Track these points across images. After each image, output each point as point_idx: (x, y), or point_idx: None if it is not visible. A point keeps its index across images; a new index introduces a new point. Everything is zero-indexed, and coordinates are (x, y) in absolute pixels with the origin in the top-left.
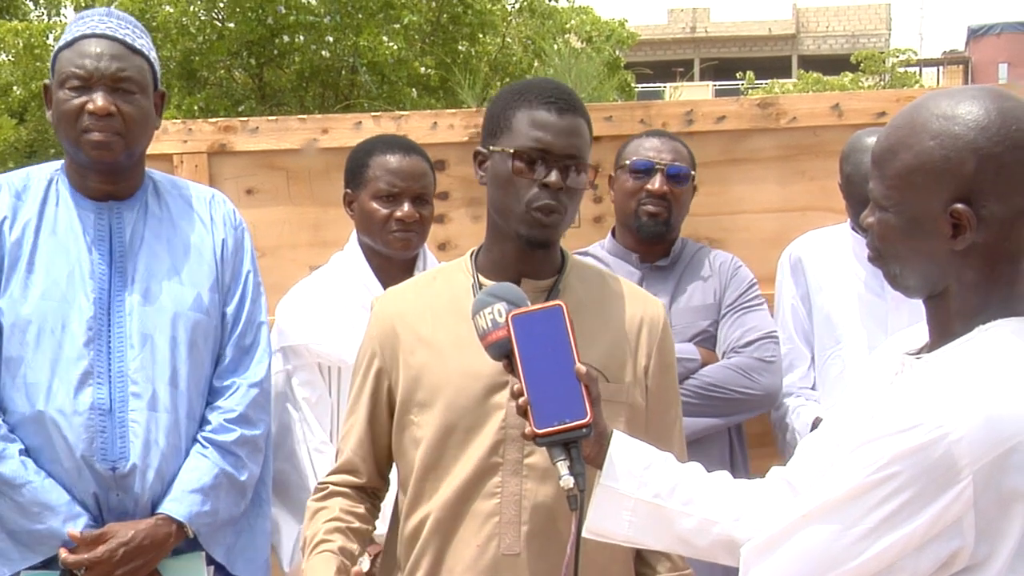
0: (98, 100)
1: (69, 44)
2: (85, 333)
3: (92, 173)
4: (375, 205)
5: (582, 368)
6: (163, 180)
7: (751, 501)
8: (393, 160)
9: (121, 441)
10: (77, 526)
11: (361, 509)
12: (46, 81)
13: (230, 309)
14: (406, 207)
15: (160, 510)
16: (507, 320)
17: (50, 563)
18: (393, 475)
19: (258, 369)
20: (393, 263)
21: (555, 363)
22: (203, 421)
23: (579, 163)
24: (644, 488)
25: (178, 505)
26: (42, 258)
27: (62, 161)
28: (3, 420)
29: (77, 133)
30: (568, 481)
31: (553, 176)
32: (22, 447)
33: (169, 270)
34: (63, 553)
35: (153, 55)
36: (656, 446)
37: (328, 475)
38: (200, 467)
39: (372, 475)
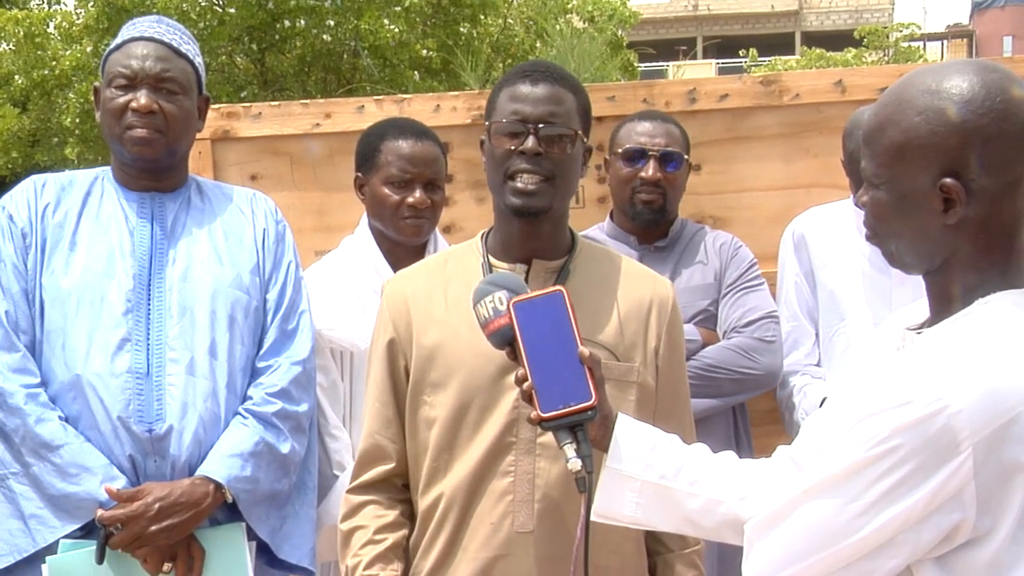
0: (141, 98)
1: (118, 47)
2: (124, 303)
3: (136, 171)
4: (387, 191)
5: (585, 351)
6: (206, 182)
7: (757, 480)
8: (405, 145)
9: (158, 403)
10: (115, 486)
11: (392, 515)
12: (96, 84)
13: (272, 296)
14: (418, 193)
15: (198, 472)
16: (508, 307)
17: (89, 533)
18: None
19: (301, 349)
20: (404, 247)
21: (558, 348)
22: (245, 398)
23: (559, 129)
24: (650, 470)
25: (216, 466)
26: (84, 238)
27: (109, 166)
28: (44, 390)
29: (121, 130)
30: (576, 464)
31: (529, 142)
32: (61, 415)
33: (209, 252)
34: (99, 511)
35: (198, 60)
36: (666, 426)
37: (353, 478)
38: (240, 434)
39: (402, 456)
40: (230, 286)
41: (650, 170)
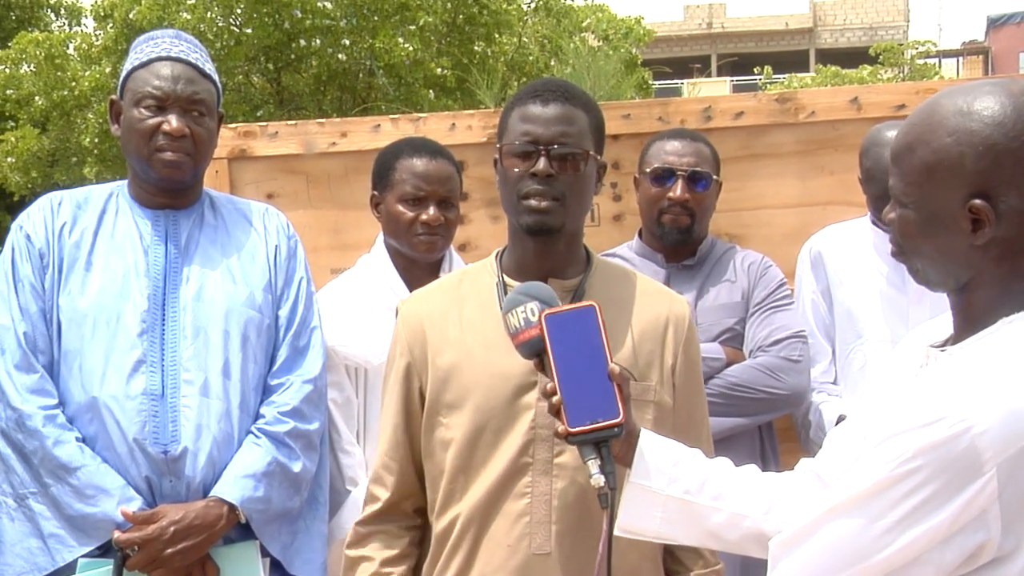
0: (173, 121)
1: (144, 64)
2: (139, 324)
3: (156, 189)
4: (401, 208)
5: (616, 368)
6: (219, 196)
7: (780, 494)
8: (420, 163)
9: (173, 425)
10: (131, 507)
11: (399, 547)
12: (113, 97)
13: (284, 312)
14: (432, 211)
15: (212, 493)
16: (540, 319)
17: (106, 552)
18: None
19: (312, 367)
20: (419, 265)
21: (588, 363)
22: (257, 416)
23: (570, 149)
24: (674, 485)
25: (230, 488)
26: (99, 258)
27: (124, 181)
28: (62, 411)
29: (150, 151)
30: (599, 479)
31: (540, 164)
32: (79, 436)
33: (223, 270)
34: (116, 534)
35: (217, 78)
36: (684, 444)
37: (364, 506)
38: (253, 454)
39: (406, 481)
40: (243, 305)
41: (678, 190)
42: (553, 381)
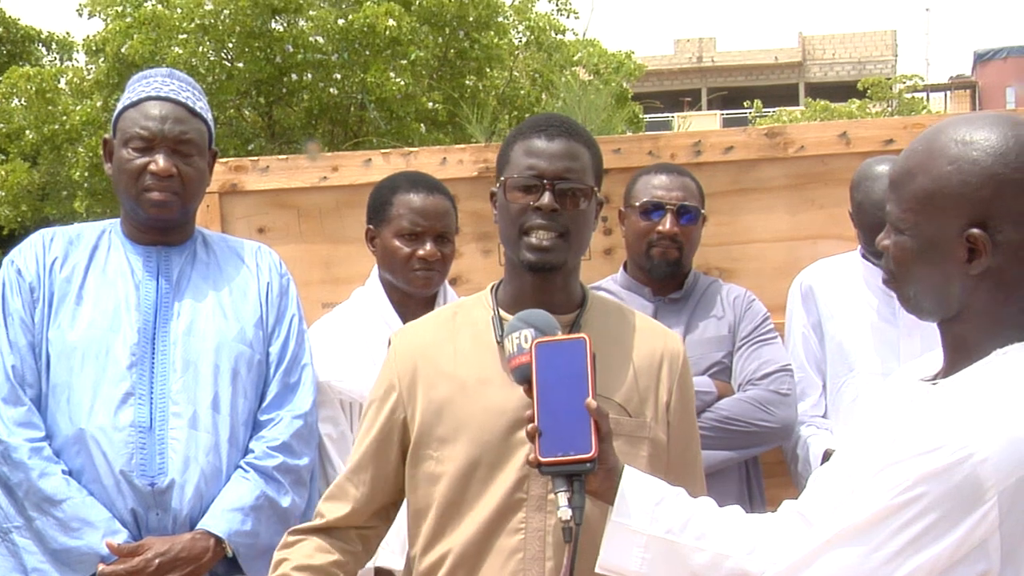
0: (160, 161)
1: (134, 104)
2: (128, 357)
3: (146, 227)
4: (397, 243)
5: (593, 403)
6: (212, 234)
7: (764, 534)
8: (416, 199)
9: (160, 457)
10: (116, 540)
11: (323, 560)
12: (106, 136)
13: (275, 348)
14: (428, 246)
15: (199, 526)
16: (531, 347)
17: None
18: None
19: (303, 403)
20: (414, 299)
21: (570, 394)
22: (247, 451)
23: (574, 184)
24: (656, 524)
25: (217, 521)
26: (90, 292)
27: (117, 219)
28: (48, 444)
29: (138, 191)
30: (566, 513)
31: (545, 198)
32: (65, 468)
33: (214, 306)
34: (101, 566)
35: (209, 116)
36: (677, 481)
37: (314, 515)
38: (241, 488)
39: (362, 506)
40: (234, 340)
41: (667, 224)
42: (532, 408)
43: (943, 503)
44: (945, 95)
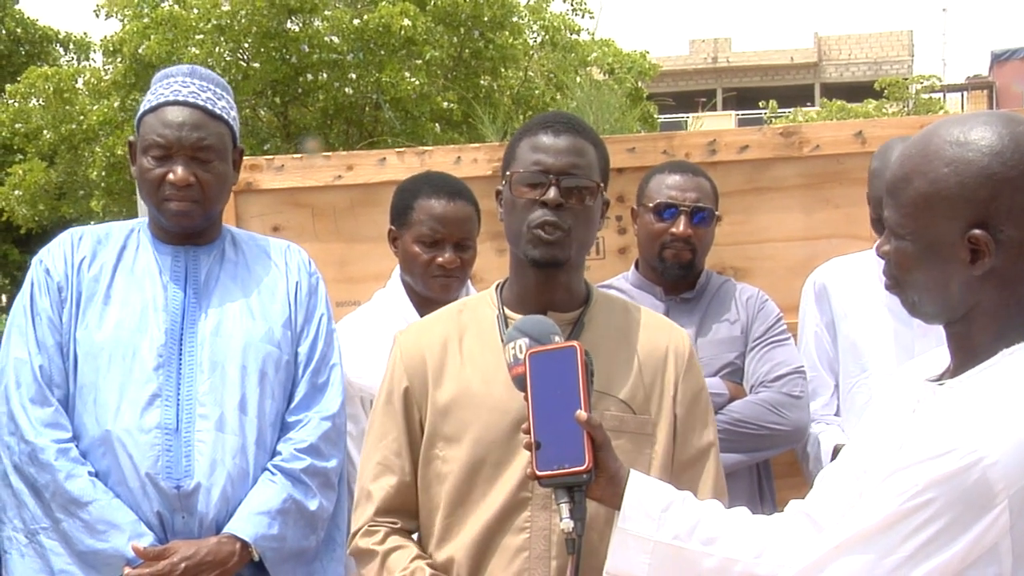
0: (178, 171)
1: (153, 109)
2: (155, 359)
3: (172, 230)
4: (417, 249)
5: (582, 415)
6: (240, 232)
7: (771, 537)
8: (438, 205)
9: (186, 460)
10: (142, 543)
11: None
12: (131, 138)
13: (303, 349)
14: (448, 254)
15: (225, 530)
16: (525, 357)
17: None
18: None
19: (331, 404)
20: (434, 301)
21: (563, 405)
22: (274, 453)
23: (580, 180)
24: (662, 530)
25: (243, 524)
26: (118, 293)
27: (146, 218)
28: (75, 445)
29: (159, 200)
30: (568, 524)
31: (551, 193)
32: (91, 470)
33: (242, 306)
34: (126, 570)
35: (233, 115)
36: (686, 475)
37: (360, 506)
38: (268, 491)
39: (414, 517)
40: (262, 340)
41: (681, 226)
42: (528, 421)
43: (953, 507)
44: (962, 95)
